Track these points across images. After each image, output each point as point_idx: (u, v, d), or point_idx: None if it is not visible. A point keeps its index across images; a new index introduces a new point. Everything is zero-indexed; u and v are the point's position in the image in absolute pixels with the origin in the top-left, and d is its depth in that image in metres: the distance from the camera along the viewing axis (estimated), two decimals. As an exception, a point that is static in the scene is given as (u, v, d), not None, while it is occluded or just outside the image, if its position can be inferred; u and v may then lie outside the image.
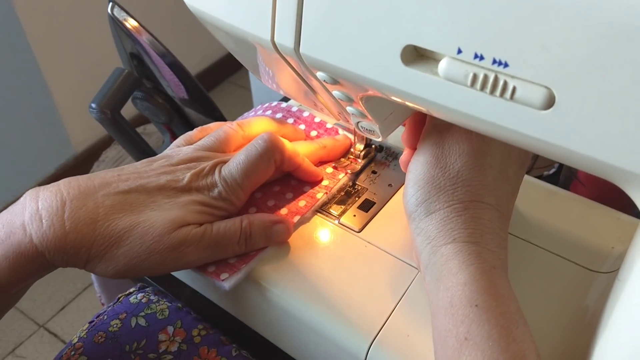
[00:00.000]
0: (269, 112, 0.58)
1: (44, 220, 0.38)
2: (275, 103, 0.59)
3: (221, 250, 0.43)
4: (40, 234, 0.38)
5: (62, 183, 0.40)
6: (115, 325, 0.46)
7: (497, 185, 0.38)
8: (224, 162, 0.45)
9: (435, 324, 0.35)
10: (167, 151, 0.47)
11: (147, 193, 0.41)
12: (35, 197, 0.39)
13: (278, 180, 0.50)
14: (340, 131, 0.55)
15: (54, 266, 0.40)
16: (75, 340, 0.46)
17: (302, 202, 0.48)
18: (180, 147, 0.47)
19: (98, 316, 0.48)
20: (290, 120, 0.56)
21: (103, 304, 0.63)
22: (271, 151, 0.45)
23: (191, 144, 0.48)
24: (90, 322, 0.47)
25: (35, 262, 0.38)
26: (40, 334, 1.43)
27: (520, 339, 0.32)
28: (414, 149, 0.42)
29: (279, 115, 0.57)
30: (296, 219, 0.47)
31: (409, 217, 0.39)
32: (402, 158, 0.43)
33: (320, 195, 0.49)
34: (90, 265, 0.40)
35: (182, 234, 0.40)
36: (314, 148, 0.51)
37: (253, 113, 0.59)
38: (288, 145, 0.48)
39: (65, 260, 0.39)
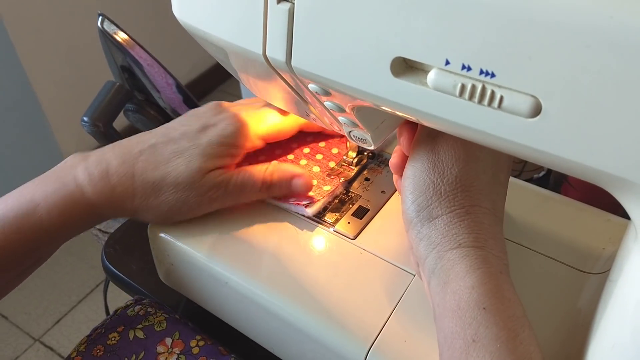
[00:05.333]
0: None
1: (95, 176, 0.44)
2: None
3: (245, 194, 0.48)
4: (92, 187, 0.43)
5: (107, 148, 0.46)
6: (113, 339, 0.46)
7: (492, 190, 0.39)
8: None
9: (441, 326, 0.35)
10: None
11: (172, 142, 0.46)
12: (84, 158, 0.45)
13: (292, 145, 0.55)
14: (304, 161, 0.55)
15: (103, 218, 0.45)
16: (74, 354, 0.46)
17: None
18: None
19: (96, 330, 0.48)
20: None
21: None
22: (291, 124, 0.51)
23: None
24: (88, 336, 0.48)
25: (87, 213, 0.44)
26: (36, 347, 1.43)
27: (526, 342, 0.33)
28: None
29: None
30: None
31: (409, 224, 0.40)
32: (392, 160, 0.44)
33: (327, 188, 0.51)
34: (138, 214, 0.46)
35: (211, 179, 0.46)
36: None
37: None
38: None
39: (113, 211, 0.45)
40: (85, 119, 0.66)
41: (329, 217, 0.49)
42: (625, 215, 0.30)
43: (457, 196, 0.38)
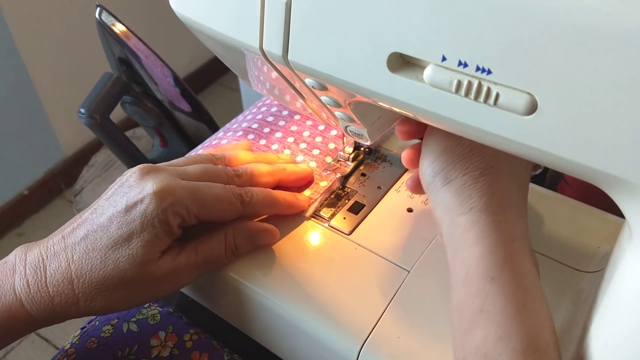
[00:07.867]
0: (259, 117, 0.58)
1: (31, 286, 0.38)
2: (268, 101, 0.59)
3: (211, 266, 0.43)
4: (29, 300, 0.38)
5: (51, 241, 0.40)
6: (107, 331, 0.46)
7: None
8: None
9: (452, 294, 0.35)
10: None
11: (102, 229, 0.39)
12: (24, 258, 0.39)
13: None
14: (301, 157, 0.54)
15: (48, 325, 0.40)
16: (68, 346, 0.46)
17: (307, 192, 0.50)
18: None
19: (90, 322, 0.48)
20: (282, 123, 0.56)
21: None
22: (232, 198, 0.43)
23: None
24: (82, 328, 0.48)
25: (27, 324, 0.39)
26: (32, 339, 1.43)
27: (536, 314, 0.32)
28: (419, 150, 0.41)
29: (270, 119, 0.57)
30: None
31: (427, 189, 0.39)
32: (405, 153, 0.42)
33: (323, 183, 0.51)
34: (90, 314, 0.40)
35: (161, 269, 0.40)
36: (274, 169, 0.49)
37: (242, 118, 0.59)
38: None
39: (60, 319, 0.40)
40: (82, 110, 0.66)
41: (325, 212, 0.49)
42: (621, 214, 0.30)
43: (472, 158, 0.37)
